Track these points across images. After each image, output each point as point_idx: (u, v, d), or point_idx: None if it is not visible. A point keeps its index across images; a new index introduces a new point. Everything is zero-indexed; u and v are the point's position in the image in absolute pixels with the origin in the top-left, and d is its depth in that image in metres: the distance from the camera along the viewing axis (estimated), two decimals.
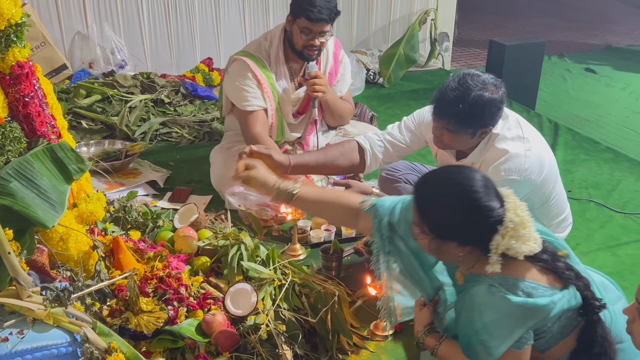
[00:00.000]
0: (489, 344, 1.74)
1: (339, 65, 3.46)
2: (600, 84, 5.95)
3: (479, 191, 1.71)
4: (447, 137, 2.39)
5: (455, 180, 1.75)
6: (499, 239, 1.72)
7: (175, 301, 2.14)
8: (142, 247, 2.37)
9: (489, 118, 2.33)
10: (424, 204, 1.79)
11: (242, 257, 2.37)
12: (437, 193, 1.77)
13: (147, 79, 4.60)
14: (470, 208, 1.71)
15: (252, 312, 2.17)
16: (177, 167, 3.70)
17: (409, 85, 5.49)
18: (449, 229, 1.75)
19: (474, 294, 1.77)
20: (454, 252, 1.78)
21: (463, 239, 1.75)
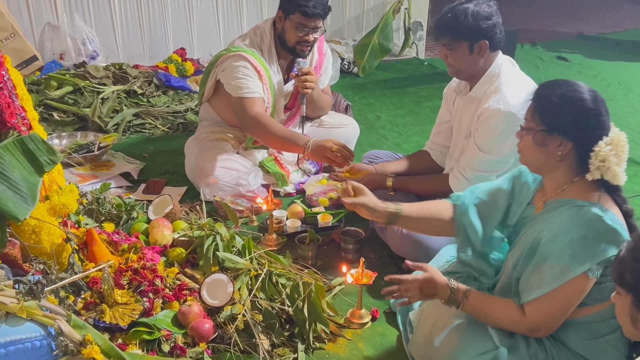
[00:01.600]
0: (569, 262, 1.76)
1: (323, 58, 3.46)
2: (572, 71, 6.01)
3: (595, 101, 1.82)
4: (450, 57, 2.54)
5: (575, 85, 1.85)
6: (603, 144, 1.79)
7: (150, 293, 2.13)
8: (116, 239, 2.35)
9: (477, 28, 2.45)
10: (542, 98, 1.88)
11: (217, 247, 2.37)
12: (558, 90, 1.86)
13: (120, 69, 4.55)
14: (585, 108, 1.81)
15: (229, 302, 2.17)
16: (151, 159, 3.67)
17: (384, 75, 5.50)
18: (560, 121, 1.83)
19: (563, 215, 1.81)
20: (555, 150, 1.84)
21: (570, 133, 1.82)
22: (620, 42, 7.11)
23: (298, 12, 3.09)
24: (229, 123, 3.43)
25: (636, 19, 8.03)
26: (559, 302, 1.80)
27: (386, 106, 4.80)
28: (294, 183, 3.37)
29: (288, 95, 3.40)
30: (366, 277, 2.31)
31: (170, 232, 2.53)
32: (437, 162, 2.91)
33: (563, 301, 1.80)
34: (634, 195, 3.42)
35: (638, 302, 1.47)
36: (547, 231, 1.82)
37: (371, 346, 2.26)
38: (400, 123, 4.46)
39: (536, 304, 1.83)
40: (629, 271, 1.48)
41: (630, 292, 1.49)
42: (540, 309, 1.82)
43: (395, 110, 4.71)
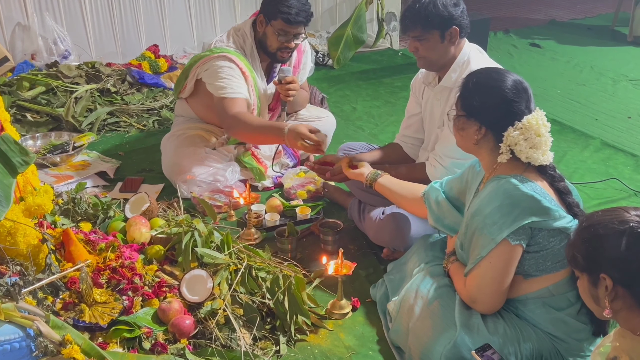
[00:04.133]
0: (491, 229, 1.86)
1: (301, 55, 3.45)
2: (546, 58, 6.06)
3: (508, 85, 1.92)
4: (421, 49, 2.54)
5: (497, 73, 1.98)
6: (511, 130, 1.90)
7: (129, 291, 2.13)
8: (94, 238, 2.34)
9: (447, 15, 2.47)
10: (464, 85, 2.02)
11: (196, 243, 2.37)
12: (480, 79, 1.99)
13: (92, 68, 4.51)
14: (500, 97, 1.92)
15: (209, 297, 2.17)
16: (127, 157, 3.66)
17: (359, 66, 5.51)
18: (473, 107, 1.97)
19: (485, 190, 1.93)
20: (471, 135, 1.99)
21: (483, 119, 1.95)
22: (591, 27, 7.19)
23: (280, 19, 3.05)
24: (205, 121, 3.42)
25: (607, 4, 8.11)
26: (486, 271, 1.90)
27: (362, 97, 4.82)
28: (271, 177, 3.38)
29: (270, 98, 3.39)
30: (345, 267, 2.32)
31: (147, 229, 2.52)
32: (409, 155, 2.91)
33: (490, 270, 1.89)
34: (608, 178, 3.48)
35: (593, 281, 1.51)
36: (474, 205, 1.95)
37: (353, 336, 2.28)
38: (376, 114, 4.47)
39: (470, 275, 1.94)
40: (578, 252, 1.53)
41: (584, 272, 1.53)
42: (473, 279, 1.93)
43: (371, 102, 4.73)
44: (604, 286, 1.48)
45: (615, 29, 6.99)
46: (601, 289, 1.49)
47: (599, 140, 4.00)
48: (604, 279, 1.47)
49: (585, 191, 3.37)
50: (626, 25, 6.68)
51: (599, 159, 3.78)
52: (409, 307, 2.10)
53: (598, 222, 1.50)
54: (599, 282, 1.48)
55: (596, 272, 1.49)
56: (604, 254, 1.47)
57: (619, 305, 1.48)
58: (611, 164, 3.71)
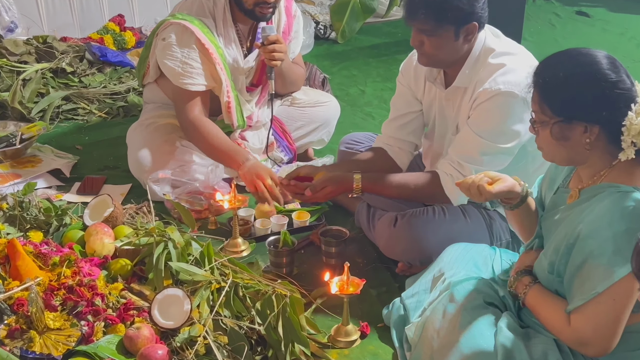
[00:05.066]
0: (613, 261, 1.75)
1: (292, 20, 3.44)
2: (595, 29, 6.07)
3: (606, 63, 1.83)
4: (427, 44, 2.46)
5: (578, 55, 1.88)
6: (633, 116, 1.79)
7: (89, 315, 2.13)
8: (45, 250, 2.34)
9: (467, 6, 2.39)
10: (548, 83, 1.88)
11: (170, 256, 2.36)
12: (562, 70, 1.86)
13: (44, 44, 4.51)
14: (603, 82, 1.82)
15: (186, 322, 2.17)
16: (86, 152, 3.66)
17: (368, 40, 5.51)
18: (576, 106, 1.84)
19: (601, 205, 1.82)
20: (580, 139, 1.85)
21: (591, 115, 1.83)
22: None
23: None
24: None
25: None
26: (606, 309, 1.78)
27: (372, 78, 4.82)
28: None
29: (251, 71, 3.38)
30: (352, 285, 2.31)
31: (111, 240, 2.52)
32: (396, 162, 2.84)
33: (611, 308, 1.78)
34: None
35: None
36: (585, 224, 1.82)
37: None
38: (389, 98, 4.43)
39: (580, 312, 1.82)
40: None
41: None
42: (586, 318, 1.81)
43: (382, 83, 4.73)
44: None
45: None
46: None
47: None
48: None
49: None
50: None
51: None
52: (433, 332, 2.09)
53: None
54: None
55: None
56: None
57: None
58: None
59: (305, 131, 3.59)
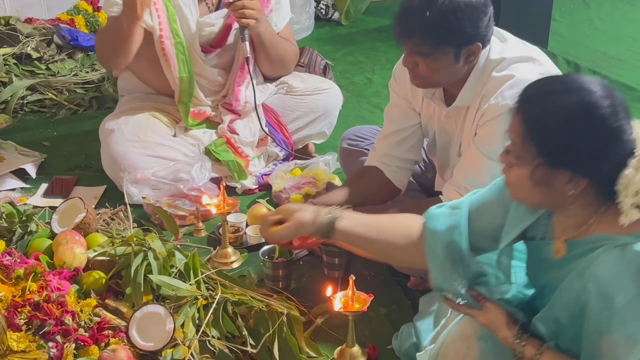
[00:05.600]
0: (633, 330, 1.70)
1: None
2: (636, 8, 6.06)
3: (611, 108, 1.71)
4: (422, 66, 2.40)
5: (584, 87, 1.74)
6: (631, 173, 1.70)
7: (58, 335, 2.12)
8: (8, 262, 2.33)
9: (470, 28, 2.33)
10: (533, 116, 1.77)
11: (150, 269, 2.36)
12: (555, 101, 1.75)
13: (6, 26, 4.52)
14: (599, 126, 1.70)
15: (168, 344, 2.16)
16: (55, 148, 3.68)
17: (375, 21, 5.52)
18: (565, 152, 1.73)
19: (600, 266, 1.73)
20: (562, 190, 1.76)
21: (581, 166, 1.73)
22: None
23: None
24: (157, 88, 3.47)
25: None
26: None
27: (380, 65, 4.84)
28: (255, 175, 3.38)
29: (212, 30, 3.42)
30: (359, 301, 2.31)
31: (83, 249, 2.52)
32: (394, 182, 2.80)
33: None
34: None
35: None
36: (592, 294, 1.75)
37: None
38: None
39: None
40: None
41: None
42: None
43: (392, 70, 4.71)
44: None
45: None
46: None
47: None
48: None
49: None
50: None
51: None
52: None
53: None
54: None
55: None
56: None
57: None
58: None
59: (304, 122, 3.59)
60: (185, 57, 3.33)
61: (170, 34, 3.27)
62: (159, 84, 3.43)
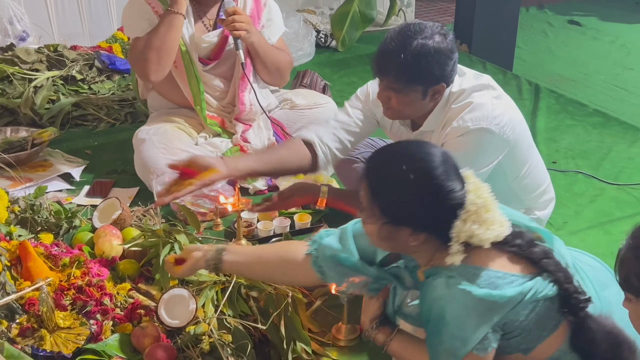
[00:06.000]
0: (452, 345, 1.74)
1: (261, 8, 3.46)
2: (586, 37, 6.07)
3: (438, 169, 1.72)
4: (394, 101, 2.39)
5: (411, 156, 1.77)
6: (460, 225, 1.72)
7: (98, 314, 2.12)
8: (56, 252, 2.33)
9: (437, 71, 2.33)
10: (375, 183, 1.79)
11: None
12: (390, 170, 1.77)
13: (55, 52, 4.50)
14: (428, 188, 1.72)
15: (191, 321, 2.16)
16: (95, 156, 3.65)
17: (367, 48, 5.50)
18: (403, 212, 1.75)
19: (433, 289, 1.78)
20: (406, 241, 1.78)
21: (418, 224, 1.75)
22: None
23: None
24: (181, 104, 3.46)
25: None
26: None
27: None
28: (264, 178, 3.37)
29: (211, 45, 3.40)
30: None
31: (119, 241, 2.51)
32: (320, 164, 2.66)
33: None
34: None
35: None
36: (426, 307, 1.81)
37: None
38: None
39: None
40: (634, 274, 1.49)
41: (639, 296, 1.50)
42: None
43: None
44: None
45: None
46: None
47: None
48: None
49: (634, 194, 3.36)
50: None
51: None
52: None
53: None
54: None
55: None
56: None
57: None
58: None
59: None
60: (192, 64, 3.35)
61: (180, 55, 3.30)
62: (179, 98, 3.43)
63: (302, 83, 4.13)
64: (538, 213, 2.70)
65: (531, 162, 2.62)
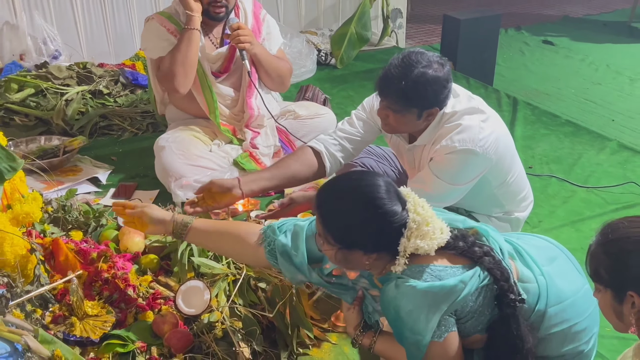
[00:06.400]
0: (414, 339, 1.74)
1: (261, 24, 3.47)
2: (559, 55, 6.06)
3: (382, 197, 1.73)
4: (392, 119, 2.40)
5: (357, 187, 1.77)
6: (405, 241, 1.74)
7: (122, 303, 2.13)
8: (85, 247, 2.33)
9: (432, 97, 2.34)
10: (327, 214, 1.79)
11: (192, 253, 2.36)
12: (339, 201, 1.78)
13: (84, 69, 4.50)
14: (374, 215, 1.73)
15: (206, 310, 2.16)
16: (120, 162, 3.65)
17: (363, 65, 5.50)
18: (353, 238, 1.76)
19: (387, 292, 1.78)
20: (360, 261, 1.79)
21: (368, 247, 1.76)
22: (607, 23, 7.17)
23: None
24: (196, 114, 3.47)
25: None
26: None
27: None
28: None
29: (221, 58, 3.42)
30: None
31: (141, 238, 2.51)
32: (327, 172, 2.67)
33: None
34: (626, 182, 3.46)
35: (618, 296, 1.48)
36: (385, 313, 1.81)
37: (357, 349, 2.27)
38: None
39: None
40: (602, 267, 1.49)
41: (608, 287, 1.50)
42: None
43: None
44: (630, 303, 1.45)
45: (632, 25, 6.98)
46: (627, 306, 1.46)
47: (616, 142, 3.99)
48: (632, 297, 1.44)
49: (602, 196, 3.36)
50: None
51: (616, 161, 3.76)
52: None
53: (625, 235, 1.47)
54: (626, 299, 1.46)
55: (623, 289, 1.46)
56: (632, 270, 1.44)
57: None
58: (629, 167, 3.69)
59: (307, 139, 3.58)
60: (205, 77, 3.36)
61: None
62: (194, 110, 3.44)
63: (304, 96, 4.13)
64: (517, 214, 2.69)
65: (514, 172, 2.62)
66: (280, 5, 5.78)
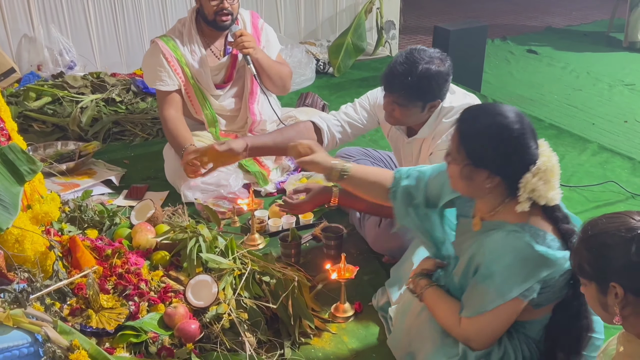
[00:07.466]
0: (502, 288, 1.75)
1: (259, 32, 3.47)
2: (542, 64, 6.06)
3: (523, 129, 1.77)
4: (397, 112, 2.43)
5: (502, 113, 1.79)
6: (529, 177, 1.75)
7: (135, 296, 2.13)
8: (100, 245, 2.34)
9: (436, 90, 2.38)
10: (467, 129, 1.82)
11: (200, 249, 2.36)
12: (481, 122, 1.81)
13: (97, 78, 4.51)
14: (510, 140, 1.76)
15: (214, 302, 2.16)
16: (132, 165, 3.65)
17: (359, 74, 5.50)
18: (485, 156, 1.78)
19: (492, 239, 1.78)
20: (482, 183, 1.80)
21: (496, 168, 1.78)
22: (587, 33, 7.18)
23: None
24: (196, 121, 3.48)
25: (602, 11, 8.10)
26: (491, 322, 1.81)
27: None
28: (274, 182, 3.37)
29: (223, 68, 3.42)
30: (348, 271, 2.32)
31: (153, 235, 2.52)
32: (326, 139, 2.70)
33: (495, 322, 1.81)
34: (606, 181, 3.47)
35: (603, 289, 1.48)
36: (480, 256, 1.81)
37: (356, 339, 2.27)
38: None
39: (470, 320, 1.84)
40: (585, 261, 1.50)
41: (592, 280, 1.51)
42: (473, 324, 1.83)
43: None
44: (613, 294, 1.46)
45: (610, 35, 6.98)
46: (611, 297, 1.47)
47: (596, 144, 4.00)
48: (614, 287, 1.45)
49: (584, 194, 3.37)
50: (621, 31, 6.67)
51: (596, 162, 3.77)
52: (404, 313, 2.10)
53: (604, 230, 1.48)
54: (609, 290, 1.46)
55: (606, 280, 1.46)
56: (613, 263, 1.45)
57: (628, 312, 1.46)
58: (608, 167, 3.70)
59: None
60: (204, 98, 3.38)
61: (190, 85, 3.32)
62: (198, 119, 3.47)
63: (304, 103, 4.14)
64: None
65: None
66: (281, 18, 5.79)
